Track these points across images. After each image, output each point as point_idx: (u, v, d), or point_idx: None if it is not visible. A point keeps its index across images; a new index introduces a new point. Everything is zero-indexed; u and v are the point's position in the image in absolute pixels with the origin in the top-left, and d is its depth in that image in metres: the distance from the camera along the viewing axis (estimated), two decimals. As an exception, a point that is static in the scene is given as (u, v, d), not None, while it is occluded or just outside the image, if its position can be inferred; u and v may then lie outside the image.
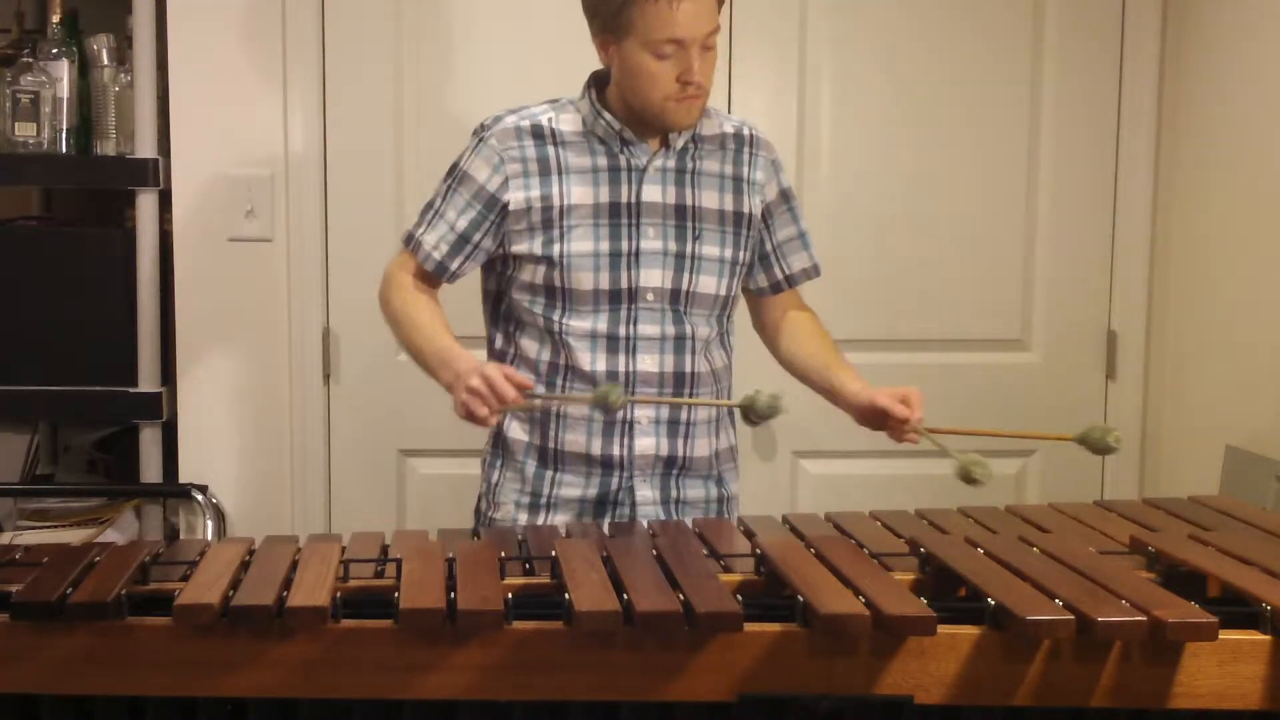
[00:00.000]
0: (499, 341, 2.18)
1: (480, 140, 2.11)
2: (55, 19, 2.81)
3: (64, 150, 2.79)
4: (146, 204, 2.79)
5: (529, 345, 2.13)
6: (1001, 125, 2.94)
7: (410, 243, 2.14)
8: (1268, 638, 1.47)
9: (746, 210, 2.15)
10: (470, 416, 1.93)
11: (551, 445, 2.13)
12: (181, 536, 2.87)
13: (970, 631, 1.47)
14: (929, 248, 2.94)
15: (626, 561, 1.62)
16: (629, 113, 2.07)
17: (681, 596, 1.49)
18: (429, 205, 2.14)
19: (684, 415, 2.14)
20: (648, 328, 2.10)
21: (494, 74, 2.85)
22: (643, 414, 2.12)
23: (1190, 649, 1.46)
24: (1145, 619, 1.43)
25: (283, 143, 2.81)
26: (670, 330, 2.11)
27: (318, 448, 2.90)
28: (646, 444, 2.13)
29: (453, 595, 1.49)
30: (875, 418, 2.08)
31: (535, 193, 2.07)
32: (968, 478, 1.87)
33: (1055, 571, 1.59)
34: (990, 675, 1.47)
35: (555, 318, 2.10)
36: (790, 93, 2.90)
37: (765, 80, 2.89)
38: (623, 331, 2.09)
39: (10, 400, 2.81)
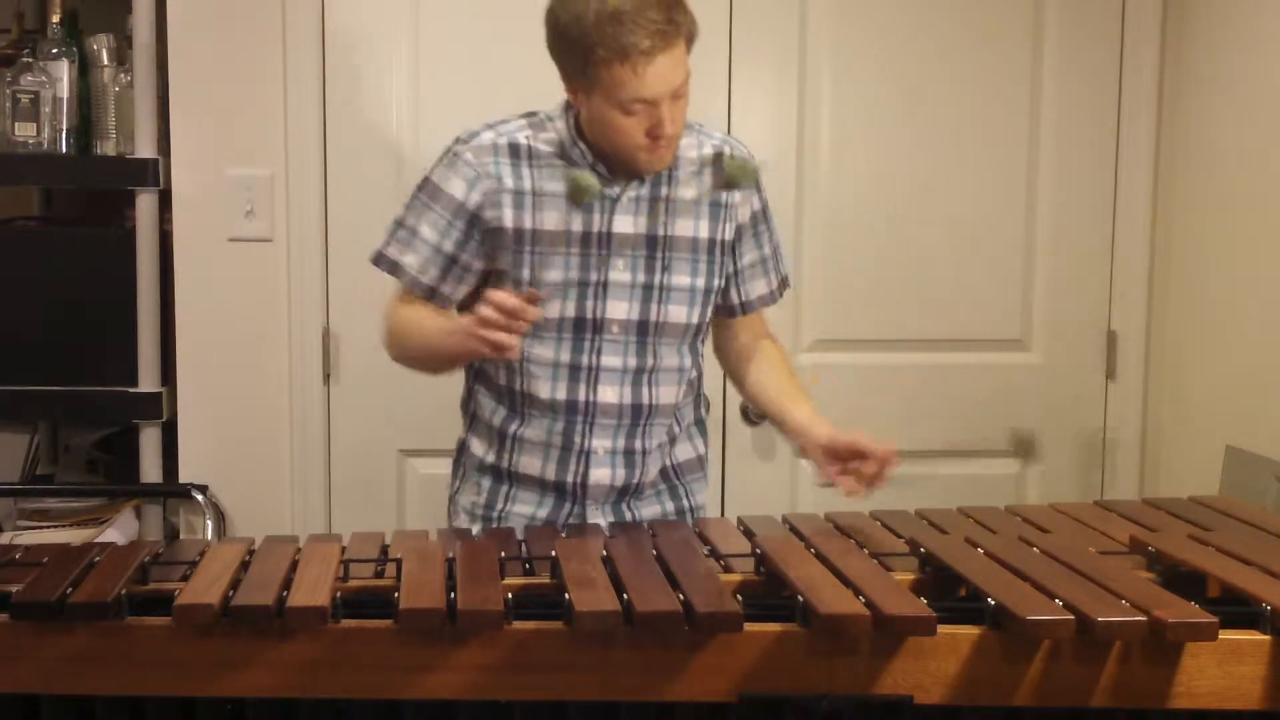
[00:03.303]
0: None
1: (455, 155, 2.04)
2: (55, 19, 2.80)
3: (64, 150, 2.79)
4: (146, 204, 2.79)
5: (490, 367, 2.11)
6: (1001, 125, 2.94)
7: (385, 264, 2.08)
8: (1268, 638, 1.47)
9: (720, 236, 2.10)
10: (499, 348, 1.87)
11: (506, 466, 2.12)
12: (181, 536, 2.87)
13: (970, 631, 1.47)
14: (929, 248, 2.94)
15: (626, 561, 1.62)
16: (601, 149, 2.02)
17: (681, 596, 1.49)
18: (398, 223, 2.08)
19: (639, 444, 2.10)
20: (611, 359, 2.06)
21: (495, 74, 2.85)
22: (600, 444, 2.08)
23: (1190, 649, 1.46)
24: (1145, 619, 1.43)
25: (283, 143, 2.81)
26: (632, 362, 2.07)
27: (318, 448, 2.90)
28: (602, 474, 2.09)
29: (453, 595, 1.49)
30: (836, 453, 1.96)
31: (509, 212, 2.03)
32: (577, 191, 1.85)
33: (1055, 571, 1.59)
34: (990, 675, 1.47)
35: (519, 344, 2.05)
36: (790, 92, 2.90)
37: (765, 80, 2.89)
38: (585, 361, 2.06)
39: (10, 400, 2.81)
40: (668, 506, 2.18)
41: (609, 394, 2.07)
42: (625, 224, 2.04)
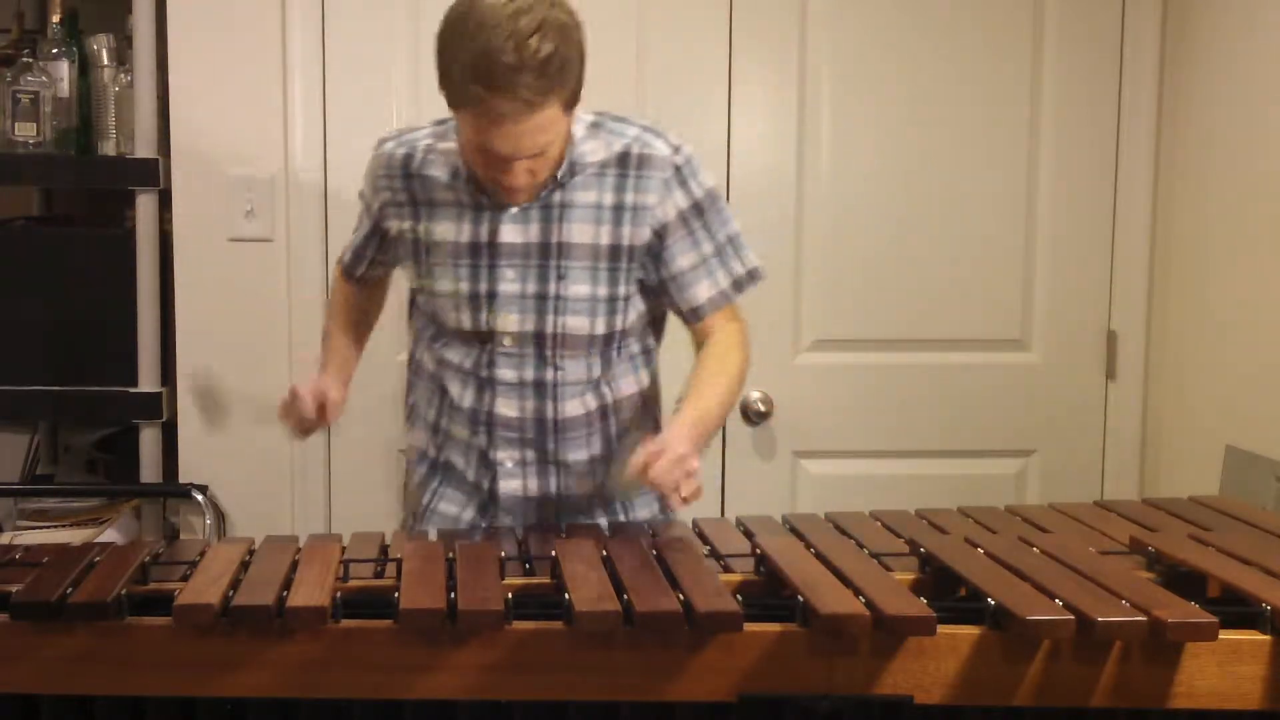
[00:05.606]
0: (410, 343, 2.17)
1: (370, 161, 2.08)
2: (55, 19, 2.81)
3: (64, 150, 2.79)
4: (146, 204, 2.79)
5: (424, 356, 2.11)
6: (1001, 125, 2.93)
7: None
8: (1268, 638, 1.47)
9: (626, 242, 1.96)
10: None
11: (439, 458, 2.12)
12: (181, 536, 2.87)
13: (970, 631, 1.47)
14: (929, 248, 2.94)
15: (626, 561, 1.62)
16: None
17: (681, 596, 1.49)
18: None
19: (553, 458, 2.03)
20: (505, 371, 2.00)
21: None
22: (506, 455, 2.03)
23: (1190, 649, 1.46)
24: (1145, 619, 1.43)
25: (283, 143, 2.81)
26: (530, 375, 2.00)
27: (318, 448, 2.89)
28: (512, 485, 2.05)
29: (453, 595, 1.49)
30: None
31: (407, 224, 2.02)
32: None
33: (1055, 571, 1.59)
34: (990, 675, 1.47)
35: (436, 346, 2.06)
36: (791, 92, 2.89)
37: (766, 80, 2.89)
38: (483, 373, 2.01)
39: (10, 400, 2.81)
40: (603, 523, 2.06)
41: (507, 407, 2.01)
42: (514, 233, 1.95)
